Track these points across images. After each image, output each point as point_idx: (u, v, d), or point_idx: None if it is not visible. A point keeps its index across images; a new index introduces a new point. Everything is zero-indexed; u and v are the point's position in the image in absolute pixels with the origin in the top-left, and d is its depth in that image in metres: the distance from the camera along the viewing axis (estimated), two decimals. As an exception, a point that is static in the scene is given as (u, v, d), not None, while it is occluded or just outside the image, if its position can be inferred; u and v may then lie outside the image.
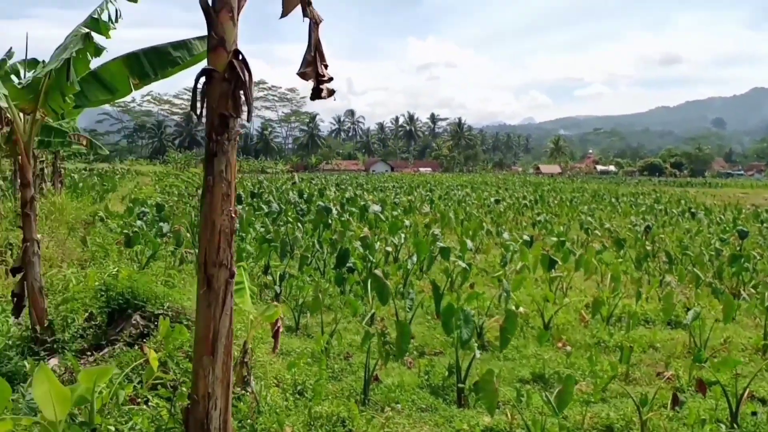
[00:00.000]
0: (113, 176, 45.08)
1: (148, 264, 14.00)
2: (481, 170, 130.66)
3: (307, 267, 13.18)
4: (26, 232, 6.18)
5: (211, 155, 3.49)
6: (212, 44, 3.46)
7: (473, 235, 17.97)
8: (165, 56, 6.03)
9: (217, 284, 3.56)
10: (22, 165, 6.04)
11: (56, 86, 5.63)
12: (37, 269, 6.22)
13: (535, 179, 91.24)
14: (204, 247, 3.56)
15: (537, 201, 37.91)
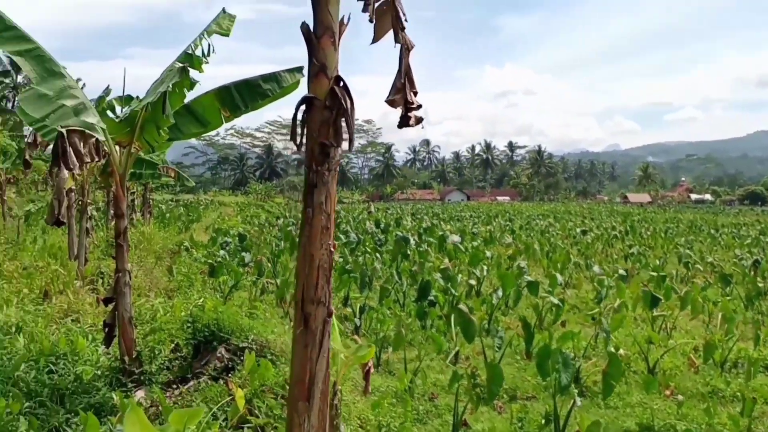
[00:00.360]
0: (198, 207, 46.80)
1: (230, 294, 14.28)
2: (563, 199, 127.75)
3: (387, 299, 13.06)
4: (119, 262, 6.35)
5: (310, 186, 3.42)
6: (313, 71, 3.41)
7: (561, 268, 17.35)
8: (255, 89, 6.14)
9: (315, 324, 3.45)
10: (116, 196, 6.24)
11: (152, 120, 5.81)
12: (127, 299, 6.37)
13: (623, 208, 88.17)
14: (301, 283, 3.46)
15: (627, 232, 36.44)
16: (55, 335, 7.81)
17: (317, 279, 3.39)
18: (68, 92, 5.96)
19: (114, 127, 6.00)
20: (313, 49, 3.42)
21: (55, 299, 9.89)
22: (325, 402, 3.55)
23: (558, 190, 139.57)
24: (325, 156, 3.38)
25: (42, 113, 6.23)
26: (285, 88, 6.22)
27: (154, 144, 6.18)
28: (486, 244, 23.92)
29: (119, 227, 6.31)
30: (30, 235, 19.05)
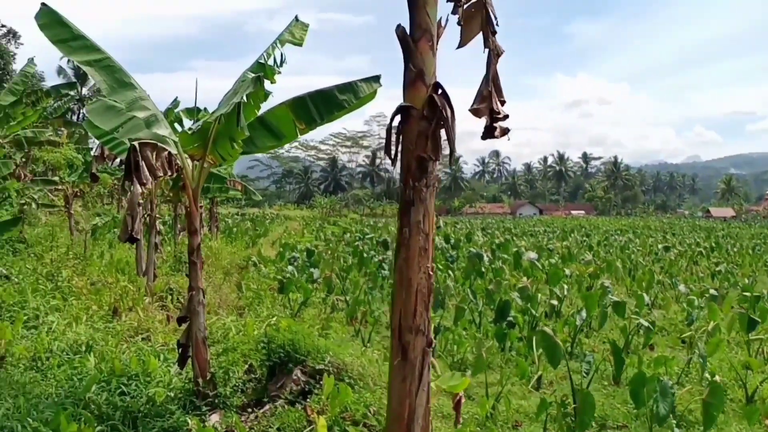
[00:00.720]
0: (264, 221, 47.53)
1: (300, 311, 14.22)
2: (641, 213, 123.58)
3: (462, 320, 12.67)
4: (192, 280, 6.27)
5: (406, 204, 3.17)
6: (409, 77, 3.16)
7: (647, 287, 16.53)
8: (331, 99, 5.97)
9: (413, 354, 3.19)
10: (190, 212, 6.16)
11: (225, 132, 5.71)
12: (201, 319, 6.27)
13: (706, 223, 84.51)
14: (398, 310, 3.21)
15: (713, 248, 34.72)
16: (126, 354, 7.83)
17: (415, 305, 3.14)
18: (139, 103, 5.93)
19: (187, 139, 5.94)
20: (410, 53, 3.16)
21: (124, 316, 9.99)
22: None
23: (636, 203, 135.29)
24: (422, 171, 3.13)
25: (111, 125, 6.25)
26: (362, 99, 6.03)
27: (228, 157, 6.08)
28: (564, 261, 23.17)
29: (192, 244, 6.23)
30: (97, 249, 19.58)
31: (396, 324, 3.25)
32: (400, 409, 3.21)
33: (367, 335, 11.96)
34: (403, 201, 3.23)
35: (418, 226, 3.20)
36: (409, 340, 3.19)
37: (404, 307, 3.20)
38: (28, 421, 5.64)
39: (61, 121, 21.94)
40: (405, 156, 3.22)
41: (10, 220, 10.16)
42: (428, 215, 3.23)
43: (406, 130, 3.22)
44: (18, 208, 17.12)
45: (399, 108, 3.19)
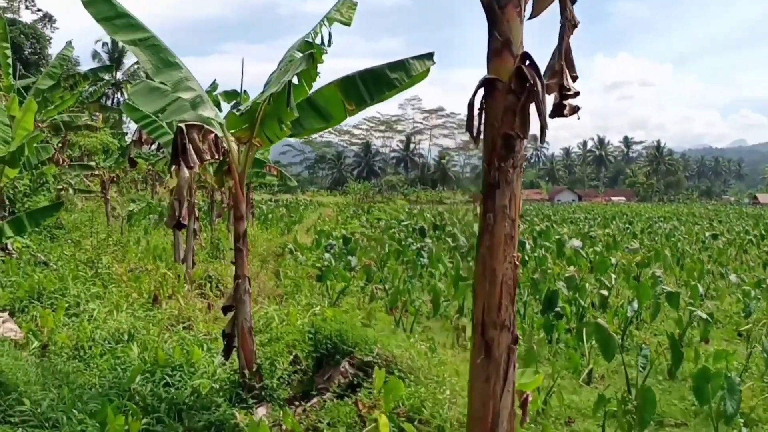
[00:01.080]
0: (298, 207, 47.66)
1: (338, 300, 14.13)
2: (684, 200, 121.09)
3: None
4: (238, 267, 6.16)
5: (491, 186, 2.95)
6: (494, 47, 2.93)
7: (698, 277, 16.03)
8: (382, 78, 5.76)
9: (498, 351, 2.97)
10: (236, 197, 6.04)
11: (274, 113, 5.54)
12: (247, 308, 6.16)
13: (753, 210, 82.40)
14: (481, 304, 2.99)
15: (763, 236, 33.70)
16: (168, 344, 7.79)
17: (500, 298, 2.91)
18: (184, 84, 5.81)
19: (235, 121, 5.79)
20: (495, 20, 2.91)
21: (164, 304, 9.98)
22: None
23: (679, 189, 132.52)
24: (509, 149, 2.89)
25: (155, 107, 6.15)
26: (414, 77, 5.81)
27: (275, 140, 5.92)
28: (608, 249, 22.68)
29: (238, 230, 6.11)
30: (133, 235, 19.77)
31: (479, 319, 3.03)
32: (482, 411, 3.00)
33: (408, 325, 11.80)
34: (486, 183, 2.99)
35: (503, 210, 2.97)
36: (493, 336, 2.97)
37: (488, 301, 2.98)
38: (73, 413, 5.61)
39: (97, 105, 22.13)
40: (489, 134, 2.98)
41: (51, 206, 10.21)
42: (515, 199, 3.00)
43: (491, 105, 2.97)
44: (55, 194, 17.31)
45: (483, 81, 2.94)
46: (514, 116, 2.93)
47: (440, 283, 14.82)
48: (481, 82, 2.93)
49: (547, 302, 11.41)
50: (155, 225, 23.38)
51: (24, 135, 10.31)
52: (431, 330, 12.70)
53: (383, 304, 14.31)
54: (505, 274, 2.95)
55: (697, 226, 44.11)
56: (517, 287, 3.03)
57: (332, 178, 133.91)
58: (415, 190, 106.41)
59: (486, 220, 2.96)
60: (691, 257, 22.64)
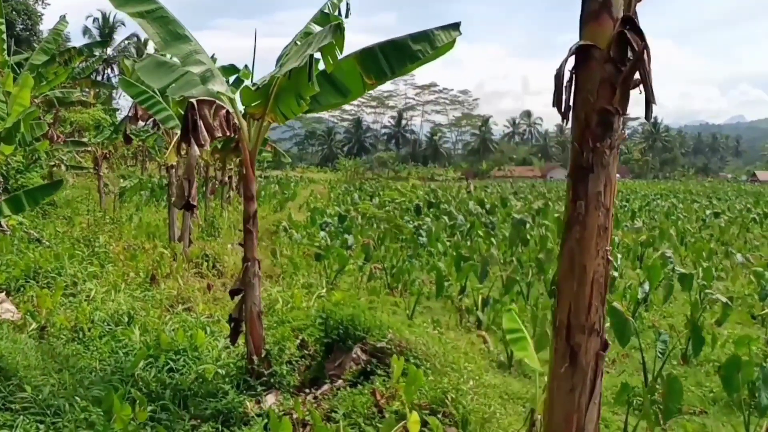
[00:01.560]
0: (289, 184, 47.37)
1: (336, 279, 14.03)
2: (680, 177, 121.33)
3: (512, 292, 12.36)
4: (247, 250, 5.99)
5: (583, 170, 2.68)
6: (590, 9, 2.58)
7: (707, 257, 16.00)
8: (404, 50, 5.54)
9: (585, 359, 2.69)
10: (246, 176, 5.85)
11: (291, 88, 5.34)
12: (257, 291, 6.01)
13: (752, 188, 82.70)
14: (566, 303, 2.72)
15: (766, 215, 33.79)
16: (170, 326, 7.64)
17: (590, 299, 2.63)
18: (194, 57, 5.59)
19: (248, 96, 5.57)
20: (591, -23, 2.60)
21: (163, 284, 9.81)
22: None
23: (675, 166, 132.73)
24: (606, 127, 2.57)
25: (162, 83, 5.91)
26: (439, 49, 5.60)
27: (290, 116, 5.71)
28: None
29: (249, 210, 5.93)
30: (125, 212, 19.54)
31: (564, 321, 2.77)
32: (565, 426, 2.74)
33: (410, 306, 11.67)
34: (577, 166, 2.71)
35: (597, 198, 2.74)
36: (580, 341, 2.69)
37: (575, 301, 2.73)
38: (75, 400, 5.47)
39: (89, 81, 21.78)
40: (581, 109, 2.66)
41: (50, 184, 9.98)
42: (610, 184, 2.73)
43: (585, 75, 2.65)
44: (47, 170, 17.04)
45: (576, 48, 2.62)
46: (612, 89, 2.60)
47: (440, 263, 14.72)
48: (573, 50, 2.60)
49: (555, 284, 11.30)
50: (147, 202, 23.16)
51: (20, 111, 10.06)
52: (433, 311, 12.62)
53: (382, 283, 14.22)
54: (597, 270, 2.68)
55: (696, 204, 44.19)
56: (608, 286, 2.80)
57: (322, 155, 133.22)
58: (406, 166, 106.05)
59: (575, 208, 2.69)
60: (694, 236, 22.66)
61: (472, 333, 10.89)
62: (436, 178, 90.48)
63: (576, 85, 2.66)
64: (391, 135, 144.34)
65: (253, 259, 5.97)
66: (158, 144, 21.13)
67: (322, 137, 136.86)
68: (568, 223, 2.68)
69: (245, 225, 5.98)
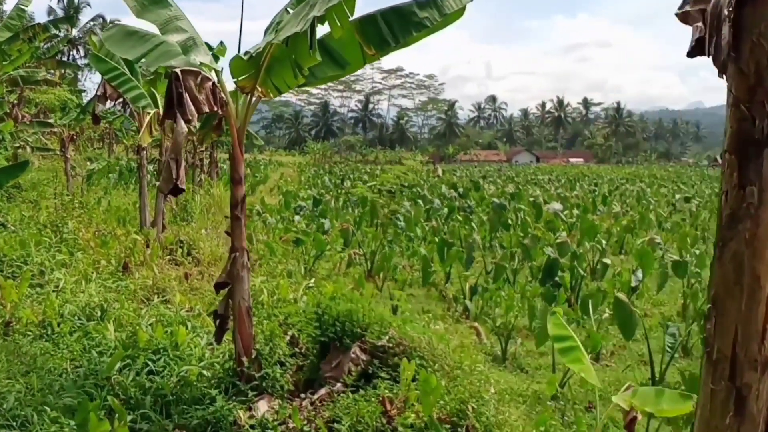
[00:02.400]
0: (258, 166, 46.39)
1: (314, 265, 13.45)
2: (643, 161, 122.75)
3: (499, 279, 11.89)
4: (235, 239, 5.35)
5: (755, 144, 1.92)
6: None
7: (692, 243, 15.75)
8: (409, 17, 4.92)
9: (757, 406, 1.89)
10: (234, 157, 5.19)
11: (286, 58, 4.69)
12: (246, 285, 5.38)
13: (715, 173, 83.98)
14: (730, 328, 2.00)
15: (733, 200, 33.95)
16: (146, 320, 6.96)
17: (765, 323, 1.94)
18: (174, 24, 4.91)
19: (239, 67, 4.89)
20: None
21: (136, 273, 9.09)
22: None
23: (638, 151, 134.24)
24: None
25: (135, 53, 5.20)
26: (447, 17, 5.00)
27: (284, 89, 5.06)
28: (584, 212, 22.30)
29: (236, 195, 5.27)
30: (93, 195, 18.62)
31: (725, 352, 2.05)
32: None
33: (394, 293, 11.04)
34: (745, 139, 1.97)
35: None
36: (750, 382, 1.99)
37: (744, 325, 1.99)
38: (45, 409, 4.80)
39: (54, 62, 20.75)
40: (749, 58, 1.86)
41: (15, 165, 9.17)
42: None
43: (754, 12, 1.94)
44: (12, 152, 16.08)
45: None
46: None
47: (422, 249, 14.22)
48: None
49: (547, 271, 10.87)
50: (115, 185, 22.20)
51: (-18, 90, 9.23)
52: (417, 299, 12.11)
53: (363, 269, 13.67)
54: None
55: (664, 189, 44.47)
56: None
57: (289, 138, 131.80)
58: (373, 150, 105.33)
59: (744, 197, 1.96)
60: (669, 221, 22.55)
61: (461, 323, 10.40)
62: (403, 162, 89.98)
63: (738, 26, 1.91)
64: (358, 119, 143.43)
65: (241, 249, 5.34)
66: (125, 126, 20.18)
67: (290, 121, 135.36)
68: (731, 217, 1.91)
69: (233, 211, 5.32)
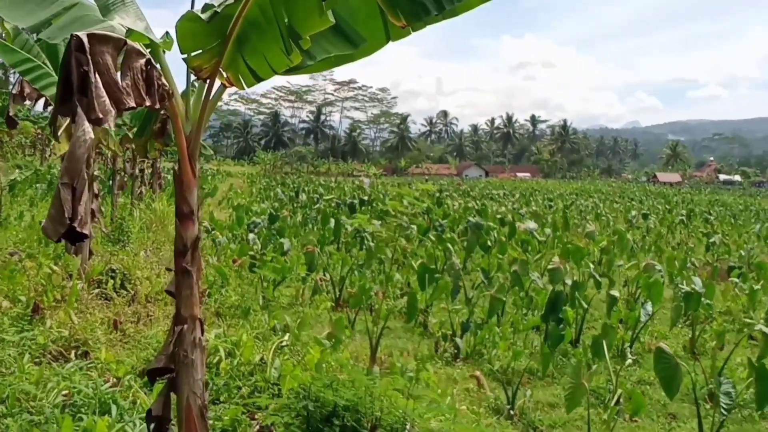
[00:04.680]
0: (206, 177, 43.86)
1: (274, 292, 11.59)
2: (586, 177, 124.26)
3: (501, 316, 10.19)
4: (182, 304, 3.41)
5: None
6: None
7: (680, 267, 14.38)
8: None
9: None
10: (181, 177, 3.30)
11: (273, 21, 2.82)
12: (199, 374, 3.44)
13: (655, 188, 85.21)
14: None
15: (689, 216, 33.42)
16: (51, 398, 4.92)
17: None
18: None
19: (191, 36, 2.98)
20: None
21: (49, 319, 6.97)
22: None
23: (581, 167, 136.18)
24: None
25: (35, 19, 3.31)
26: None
27: (265, 74, 3.18)
28: (555, 230, 20.84)
29: (185, 236, 3.36)
30: (15, 209, 16.27)
31: None
32: None
33: (371, 329, 9.08)
34: None
35: None
36: None
37: None
38: None
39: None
40: None
41: None
42: None
43: None
44: None
45: None
46: None
47: (398, 275, 12.44)
48: None
49: (551, 306, 9.19)
50: (43, 197, 19.77)
51: None
52: (395, 333, 10.31)
53: (330, 297, 11.81)
54: None
55: (616, 204, 43.98)
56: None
57: (238, 148, 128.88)
58: (325, 161, 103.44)
59: None
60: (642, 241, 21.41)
61: (453, 367, 8.64)
62: (356, 174, 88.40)
63: None
64: (310, 130, 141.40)
65: (192, 319, 3.42)
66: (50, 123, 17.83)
67: (238, 130, 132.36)
68: None
69: (178, 261, 3.40)
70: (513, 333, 9.84)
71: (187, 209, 3.36)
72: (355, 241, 16.80)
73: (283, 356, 5.55)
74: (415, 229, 17.46)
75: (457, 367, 8.70)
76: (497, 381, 8.02)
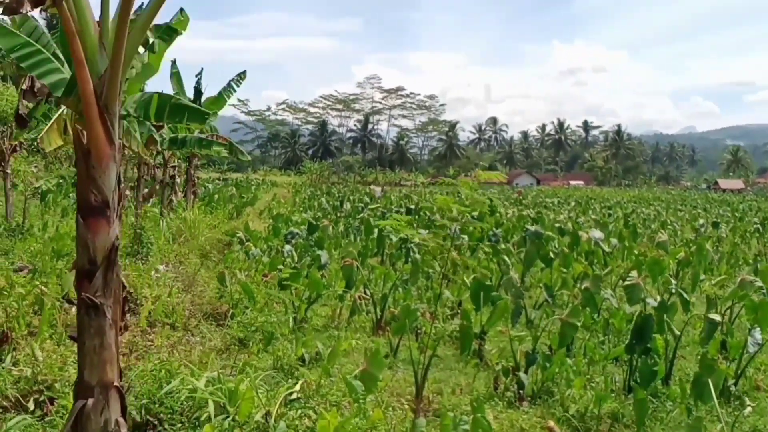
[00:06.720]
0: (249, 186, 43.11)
1: (307, 312, 10.22)
2: (642, 184, 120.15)
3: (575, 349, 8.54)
4: (86, 363, 2.01)
5: None
6: None
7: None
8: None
9: None
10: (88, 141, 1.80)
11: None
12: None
13: (718, 196, 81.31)
14: None
15: (764, 224, 30.84)
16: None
17: None
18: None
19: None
20: None
21: (10, 354, 5.62)
22: None
23: (637, 174, 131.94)
24: None
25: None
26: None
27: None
28: (620, 239, 18.92)
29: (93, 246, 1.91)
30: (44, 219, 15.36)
31: None
32: None
33: (419, 360, 7.53)
34: None
35: None
36: None
37: None
38: None
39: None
40: None
41: None
42: None
43: None
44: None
45: None
46: None
47: (450, 294, 10.85)
48: None
49: (638, 333, 7.50)
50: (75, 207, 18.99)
51: None
52: (446, 363, 8.74)
53: (370, 319, 10.34)
54: None
55: (680, 212, 41.46)
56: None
57: (285, 158, 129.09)
58: (372, 171, 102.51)
59: None
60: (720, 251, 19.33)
61: (517, 410, 7.01)
62: (403, 183, 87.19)
63: None
64: (357, 139, 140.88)
65: (104, 390, 1.99)
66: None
67: (286, 140, 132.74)
68: None
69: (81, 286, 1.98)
70: (587, 365, 8.16)
71: (99, 199, 1.95)
72: (400, 253, 15.30)
73: (294, 411, 4.08)
74: (467, 238, 15.82)
75: (523, 410, 7.06)
76: (573, 429, 6.43)
